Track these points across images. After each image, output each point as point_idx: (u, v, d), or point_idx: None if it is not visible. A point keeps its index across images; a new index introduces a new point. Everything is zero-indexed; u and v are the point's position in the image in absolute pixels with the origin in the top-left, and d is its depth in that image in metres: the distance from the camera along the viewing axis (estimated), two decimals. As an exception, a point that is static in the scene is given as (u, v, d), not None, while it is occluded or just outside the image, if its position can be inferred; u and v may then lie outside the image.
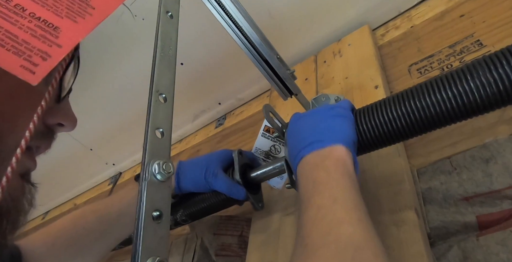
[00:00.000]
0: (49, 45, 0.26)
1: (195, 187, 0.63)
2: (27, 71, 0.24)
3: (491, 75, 0.39)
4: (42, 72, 0.24)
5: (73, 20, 0.28)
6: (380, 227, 0.51)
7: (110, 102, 1.25)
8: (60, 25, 0.27)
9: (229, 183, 0.60)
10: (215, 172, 0.61)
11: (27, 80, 0.24)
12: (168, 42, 0.36)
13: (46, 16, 0.27)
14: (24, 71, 0.24)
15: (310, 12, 0.93)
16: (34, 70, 0.24)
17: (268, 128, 0.66)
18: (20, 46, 0.25)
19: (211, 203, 0.65)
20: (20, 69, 0.24)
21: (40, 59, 0.25)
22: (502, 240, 0.44)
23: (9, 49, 0.24)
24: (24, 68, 0.24)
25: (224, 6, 0.56)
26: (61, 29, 0.27)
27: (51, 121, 0.37)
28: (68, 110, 0.39)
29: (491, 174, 0.50)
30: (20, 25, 0.25)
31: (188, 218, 0.68)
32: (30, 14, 0.26)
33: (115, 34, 1.04)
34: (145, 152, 0.29)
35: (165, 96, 0.32)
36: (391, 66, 0.78)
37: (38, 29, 0.26)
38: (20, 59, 0.24)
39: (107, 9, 0.30)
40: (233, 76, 1.11)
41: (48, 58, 0.25)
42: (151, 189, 0.27)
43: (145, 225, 0.25)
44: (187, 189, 0.64)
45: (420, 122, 0.44)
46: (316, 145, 0.44)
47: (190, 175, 0.63)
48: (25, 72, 0.24)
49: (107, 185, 1.51)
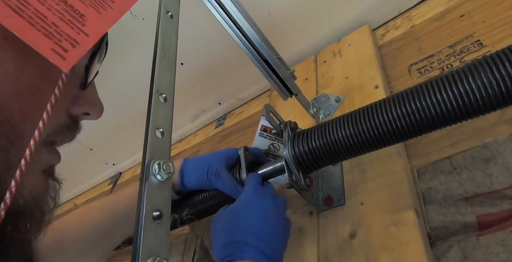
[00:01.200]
0: (77, 32, 0.25)
1: (198, 184, 0.63)
2: (58, 56, 0.23)
3: (492, 75, 0.39)
4: (72, 59, 0.23)
5: (97, 10, 0.27)
6: (380, 227, 0.51)
7: (110, 102, 1.25)
8: (85, 13, 0.26)
9: (231, 183, 0.60)
10: (218, 171, 0.60)
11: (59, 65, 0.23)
12: (168, 42, 0.36)
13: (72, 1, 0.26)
14: (56, 55, 0.23)
15: (310, 12, 0.93)
16: (65, 56, 0.23)
17: (266, 127, 0.66)
18: (50, 28, 0.24)
19: (218, 201, 0.64)
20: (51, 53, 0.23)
21: (69, 46, 0.24)
22: (502, 240, 0.44)
23: (40, 29, 0.23)
24: (55, 52, 0.23)
25: (224, 6, 0.56)
26: (87, 18, 0.26)
27: (77, 111, 0.34)
28: (94, 97, 0.36)
29: (491, 174, 0.50)
30: (48, 5, 0.24)
31: (195, 216, 0.68)
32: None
33: (115, 34, 1.04)
34: (145, 152, 0.28)
35: (165, 96, 0.32)
36: (391, 66, 0.78)
37: (66, 14, 0.25)
38: (51, 42, 0.23)
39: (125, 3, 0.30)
40: (233, 76, 1.11)
41: (77, 46, 0.24)
42: (151, 189, 0.27)
43: (145, 225, 0.25)
44: (191, 187, 0.64)
45: (420, 123, 0.44)
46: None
47: (194, 172, 0.63)
48: (56, 56, 0.23)
49: (107, 185, 1.51)
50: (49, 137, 0.32)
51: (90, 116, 0.37)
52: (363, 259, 0.49)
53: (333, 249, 0.54)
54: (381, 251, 0.48)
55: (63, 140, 0.36)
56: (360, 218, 0.54)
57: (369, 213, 0.54)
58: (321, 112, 0.77)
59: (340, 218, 0.57)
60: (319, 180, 0.65)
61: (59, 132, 0.33)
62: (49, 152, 0.34)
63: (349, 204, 0.58)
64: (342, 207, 0.58)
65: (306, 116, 0.78)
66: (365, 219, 0.54)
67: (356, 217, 0.55)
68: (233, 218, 0.49)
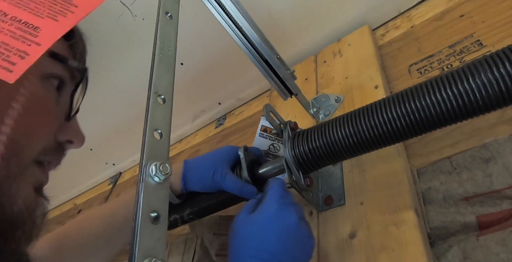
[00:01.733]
0: (28, 44, 0.26)
1: (202, 188, 0.62)
2: (4, 70, 0.25)
3: (492, 75, 0.39)
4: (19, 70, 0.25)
5: (54, 19, 0.29)
6: (380, 227, 0.51)
7: (110, 102, 1.25)
8: (40, 25, 0.28)
9: (239, 183, 0.58)
10: (224, 172, 0.59)
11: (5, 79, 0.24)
12: (167, 43, 0.36)
13: (28, 18, 0.28)
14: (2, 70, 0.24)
15: (310, 12, 0.93)
16: (12, 69, 0.25)
17: (266, 128, 0.66)
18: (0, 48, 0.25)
19: (219, 200, 0.64)
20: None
21: (18, 58, 0.25)
22: (502, 240, 0.43)
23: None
24: (2, 68, 0.25)
25: (224, 6, 0.56)
26: (41, 29, 0.28)
27: (62, 138, 0.40)
28: (77, 128, 0.43)
29: (491, 174, 0.50)
30: (0, 28, 0.26)
31: (195, 216, 0.68)
32: (12, 18, 0.27)
33: (115, 34, 1.04)
34: (143, 153, 0.28)
35: (163, 97, 0.32)
36: (391, 66, 0.78)
37: (18, 31, 0.27)
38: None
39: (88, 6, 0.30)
40: (233, 76, 1.11)
41: (26, 57, 0.26)
42: (148, 190, 0.27)
43: (142, 226, 0.25)
44: (194, 190, 0.63)
45: (420, 122, 0.44)
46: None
47: (197, 176, 0.61)
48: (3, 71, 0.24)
49: (107, 185, 1.51)
50: (38, 156, 0.36)
51: (73, 145, 0.42)
52: (363, 259, 0.49)
53: (333, 249, 0.54)
54: (381, 251, 0.48)
55: (50, 162, 0.40)
56: (360, 218, 0.54)
57: (369, 213, 0.54)
58: (321, 112, 0.77)
59: (340, 218, 0.57)
60: (319, 180, 0.65)
61: (47, 153, 0.38)
62: (39, 170, 0.38)
63: (349, 204, 0.58)
64: (342, 207, 0.58)
65: (306, 116, 0.78)
66: (365, 219, 0.54)
67: (356, 217, 0.55)
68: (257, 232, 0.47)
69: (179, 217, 0.68)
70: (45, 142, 0.36)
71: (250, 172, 0.60)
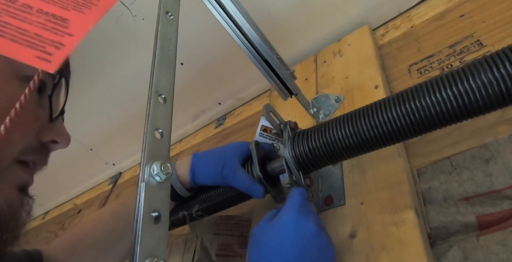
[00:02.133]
0: (61, 35, 0.27)
1: (212, 182, 0.60)
2: (43, 61, 0.25)
3: (492, 75, 0.39)
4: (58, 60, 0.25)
5: (80, 11, 0.29)
6: (380, 227, 0.51)
7: (110, 102, 1.25)
8: (68, 17, 0.28)
9: (248, 180, 0.57)
10: (233, 167, 0.58)
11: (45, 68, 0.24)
12: (168, 43, 0.36)
13: (54, 11, 0.28)
14: (41, 61, 0.25)
15: (310, 12, 0.93)
16: (50, 59, 0.25)
17: (266, 127, 0.66)
18: (33, 39, 0.26)
19: (228, 196, 0.63)
20: (36, 60, 0.25)
21: (54, 49, 0.26)
22: (502, 240, 0.43)
23: (23, 43, 0.25)
24: (41, 59, 0.25)
25: (224, 6, 0.56)
26: (70, 20, 0.28)
27: (45, 138, 0.40)
28: (61, 128, 0.42)
29: (491, 174, 0.50)
30: (30, 21, 0.26)
31: (205, 212, 0.67)
32: (38, 10, 0.27)
33: (115, 34, 1.04)
34: (144, 153, 0.28)
35: (164, 97, 0.32)
36: (391, 66, 0.78)
37: (48, 23, 0.27)
38: (35, 51, 0.25)
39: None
40: (233, 76, 1.11)
41: (61, 47, 0.26)
42: (149, 190, 0.27)
43: (143, 226, 0.25)
44: (203, 184, 0.62)
45: (420, 122, 0.44)
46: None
47: (206, 170, 0.60)
48: (42, 62, 0.25)
49: (107, 185, 1.51)
50: (20, 156, 0.37)
51: (59, 145, 0.42)
52: (363, 259, 0.49)
53: (333, 249, 0.54)
54: (381, 251, 0.48)
55: (35, 162, 0.40)
56: (360, 218, 0.54)
57: (369, 213, 0.54)
58: (321, 112, 0.77)
59: (340, 218, 0.57)
60: (319, 180, 0.65)
61: (29, 153, 0.38)
62: (22, 170, 0.38)
63: (349, 204, 0.58)
64: (342, 207, 0.58)
65: (306, 116, 0.78)
66: (365, 219, 0.54)
67: (356, 217, 0.55)
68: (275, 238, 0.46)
69: (187, 213, 0.68)
70: (26, 142, 0.37)
71: (261, 167, 0.58)
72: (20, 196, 0.38)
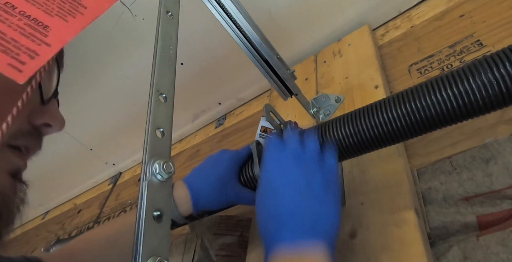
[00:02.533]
0: (38, 43, 0.26)
1: (218, 208, 0.59)
2: (14, 69, 0.24)
3: (492, 75, 0.39)
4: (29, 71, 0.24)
5: (64, 19, 0.28)
6: (380, 227, 0.51)
7: (110, 102, 1.25)
8: (50, 24, 0.27)
9: (252, 196, 0.55)
10: (236, 190, 0.57)
11: (14, 78, 0.24)
12: (168, 42, 0.36)
13: (37, 15, 0.27)
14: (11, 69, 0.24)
15: (310, 12, 0.93)
16: (21, 69, 0.24)
17: (265, 128, 0.66)
18: (8, 44, 0.25)
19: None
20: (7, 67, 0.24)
21: (27, 58, 0.25)
22: (502, 240, 0.44)
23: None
24: (11, 67, 0.24)
25: (224, 6, 0.56)
26: (51, 28, 0.27)
27: (37, 121, 0.38)
28: (54, 111, 0.40)
29: (491, 174, 0.50)
30: (9, 23, 0.25)
31: (205, 212, 0.67)
32: (21, 12, 0.26)
33: (115, 34, 1.04)
34: (146, 152, 0.28)
35: (165, 96, 0.32)
36: (391, 66, 0.78)
37: (28, 28, 0.26)
38: (8, 57, 0.24)
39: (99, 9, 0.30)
40: (233, 76, 1.11)
41: (36, 57, 0.25)
42: (151, 189, 0.27)
43: (145, 225, 0.25)
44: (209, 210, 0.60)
45: (420, 123, 0.44)
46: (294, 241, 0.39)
47: (210, 201, 0.57)
48: (12, 70, 0.24)
49: (107, 185, 1.51)
50: (10, 140, 0.35)
51: (52, 129, 0.40)
52: (363, 259, 0.49)
53: (333, 249, 0.54)
54: (381, 251, 0.48)
55: (28, 146, 0.38)
56: (360, 218, 0.54)
57: (369, 213, 0.54)
58: (321, 112, 0.77)
59: (340, 218, 0.57)
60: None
61: (20, 137, 0.36)
62: (14, 155, 0.36)
63: (349, 204, 0.58)
64: (342, 207, 0.58)
65: (306, 116, 0.78)
66: (365, 219, 0.54)
67: (356, 217, 0.55)
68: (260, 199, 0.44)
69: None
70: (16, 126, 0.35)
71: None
72: (13, 182, 0.36)
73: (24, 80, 0.24)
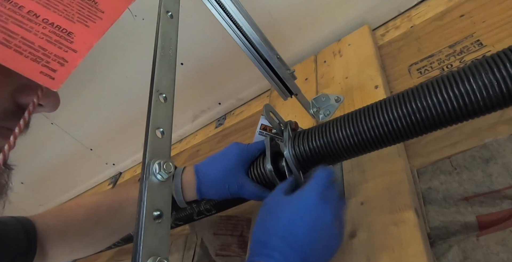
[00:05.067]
0: (65, 50, 0.26)
1: (221, 197, 0.59)
2: (47, 77, 0.24)
3: (493, 76, 0.39)
4: (61, 78, 0.24)
5: (85, 24, 0.28)
6: (380, 227, 0.51)
7: (110, 102, 1.25)
8: (73, 30, 0.27)
9: (257, 190, 0.56)
10: (240, 182, 0.57)
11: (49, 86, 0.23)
12: (168, 42, 0.36)
13: (59, 22, 0.27)
14: (44, 77, 0.24)
15: (310, 12, 0.93)
16: (54, 76, 0.24)
17: (265, 126, 0.66)
18: (37, 52, 0.25)
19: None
20: (40, 76, 0.24)
21: (58, 65, 0.25)
22: (502, 240, 0.44)
23: (27, 56, 0.24)
24: (44, 74, 0.24)
25: (224, 6, 0.56)
26: (75, 34, 0.27)
27: (25, 100, 0.33)
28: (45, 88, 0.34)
29: (491, 174, 0.50)
30: (35, 31, 0.26)
31: (213, 207, 0.66)
32: (44, 20, 0.27)
33: (115, 34, 1.04)
34: (146, 152, 0.28)
35: (165, 96, 0.32)
36: (391, 66, 0.78)
37: (53, 35, 0.26)
38: (39, 65, 0.24)
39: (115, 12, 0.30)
40: (233, 76, 1.11)
41: (65, 64, 0.25)
42: (151, 188, 0.27)
43: (145, 225, 0.25)
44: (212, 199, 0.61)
45: (421, 123, 0.44)
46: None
47: (213, 188, 0.58)
48: (45, 78, 0.24)
49: (107, 185, 1.51)
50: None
51: (44, 108, 0.35)
52: (363, 259, 0.49)
53: (333, 249, 0.54)
54: (381, 251, 0.48)
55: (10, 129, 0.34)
56: (360, 218, 0.54)
57: (369, 213, 0.54)
58: (321, 112, 0.77)
59: (340, 218, 0.57)
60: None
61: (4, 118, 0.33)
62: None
63: (349, 204, 0.58)
64: (342, 207, 0.58)
65: (306, 116, 0.78)
66: (365, 219, 0.54)
67: (356, 217, 0.55)
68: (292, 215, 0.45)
69: (195, 207, 0.67)
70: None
71: (273, 162, 0.57)
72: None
73: (58, 87, 0.24)
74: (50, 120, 1.32)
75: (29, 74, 0.24)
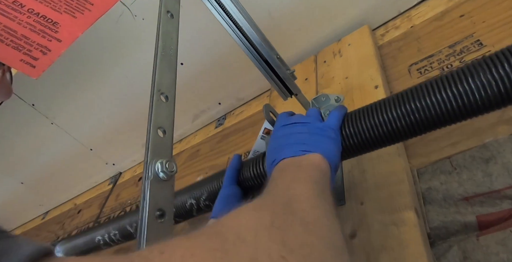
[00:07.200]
0: (49, 39, 0.26)
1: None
2: (27, 65, 0.24)
3: (491, 76, 0.39)
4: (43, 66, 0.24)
5: (72, 15, 0.28)
6: (380, 227, 0.51)
7: (110, 102, 1.25)
8: (59, 21, 0.27)
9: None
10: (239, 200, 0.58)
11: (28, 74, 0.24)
12: (169, 42, 0.36)
13: (45, 12, 0.27)
14: (24, 65, 0.24)
15: (310, 12, 0.93)
16: (35, 64, 0.24)
17: (268, 130, 0.66)
18: (19, 41, 0.25)
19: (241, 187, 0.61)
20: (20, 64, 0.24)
21: (40, 54, 0.25)
22: (502, 240, 0.44)
23: (8, 44, 0.24)
24: (24, 63, 0.24)
25: (224, 6, 0.56)
26: (60, 24, 0.27)
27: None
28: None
29: (491, 174, 0.50)
30: (18, 20, 0.26)
31: (213, 204, 0.66)
32: (29, 10, 0.27)
33: (115, 34, 1.04)
34: (148, 151, 0.28)
35: (166, 95, 0.32)
36: (391, 66, 0.78)
37: (37, 25, 0.26)
38: (20, 53, 0.24)
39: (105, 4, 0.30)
40: (233, 76, 1.11)
41: (48, 53, 0.25)
42: (154, 188, 0.27)
43: (148, 224, 0.25)
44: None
45: (420, 123, 0.44)
46: (299, 152, 0.44)
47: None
48: (26, 66, 0.24)
49: (107, 185, 1.51)
50: None
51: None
52: (363, 259, 0.49)
53: (333, 249, 0.54)
54: (381, 251, 0.48)
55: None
56: (360, 218, 0.54)
57: (369, 213, 0.54)
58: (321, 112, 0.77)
59: (340, 218, 0.57)
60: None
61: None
62: None
63: (349, 204, 0.58)
64: (342, 207, 0.58)
65: (306, 116, 0.78)
66: (365, 219, 0.54)
67: (356, 217, 0.55)
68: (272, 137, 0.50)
69: (194, 203, 0.67)
70: None
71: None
72: None
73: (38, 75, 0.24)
74: (50, 120, 1.32)
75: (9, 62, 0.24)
